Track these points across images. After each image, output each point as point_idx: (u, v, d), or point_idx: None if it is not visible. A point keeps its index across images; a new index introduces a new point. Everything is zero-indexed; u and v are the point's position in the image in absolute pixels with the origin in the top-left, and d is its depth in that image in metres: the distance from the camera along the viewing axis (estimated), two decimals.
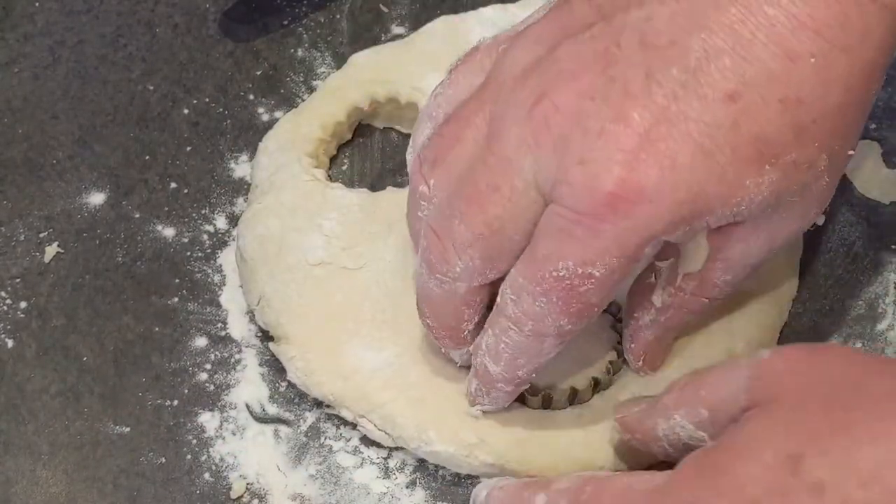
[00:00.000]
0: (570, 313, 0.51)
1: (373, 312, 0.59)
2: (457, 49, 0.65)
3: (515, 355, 0.53)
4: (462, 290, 0.53)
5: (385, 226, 0.61)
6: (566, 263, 0.49)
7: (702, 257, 0.53)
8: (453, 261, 0.52)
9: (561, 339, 0.52)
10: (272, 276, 0.60)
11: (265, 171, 0.64)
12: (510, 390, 0.55)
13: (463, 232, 0.52)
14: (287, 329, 0.60)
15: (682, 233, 0.50)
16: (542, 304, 0.51)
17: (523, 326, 0.52)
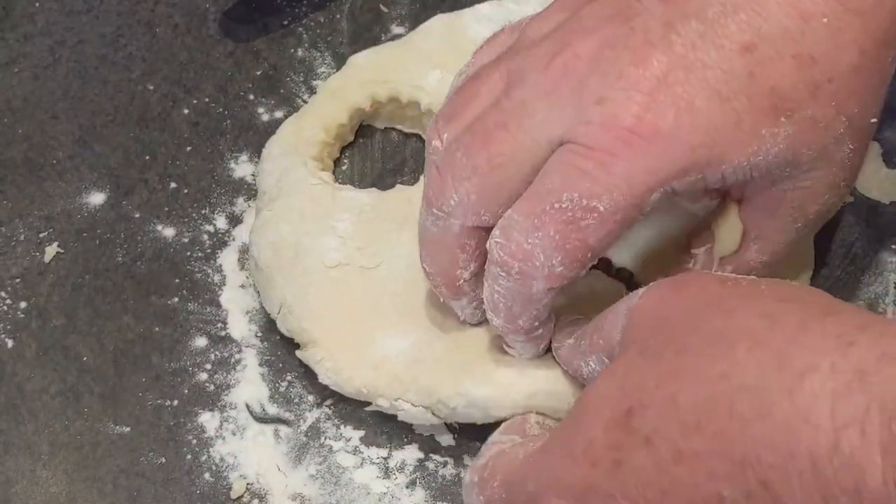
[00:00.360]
0: (566, 250, 0.50)
1: (393, 304, 0.59)
2: (455, 46, 0.66)
3: (509, 304, 0.53)
4: (456, 229, 0.53)
5: (397, 223, 0.61)
6: (571, 195, 0.49)
7: (736, 238, 0.53)
8: (449, 193, 0.52)
9: (550, 284, 0.51)
10: (290, 282, 0.60)
11: (271, 176, 0.64)
12: (523, 339, 0.55)
13: (463, 164, 0.52)
14: (312, 334, 0.60)
15: (694, 180, 0.50)
16: (535, 239, 0.50)
17: (510, 269, 0.51)
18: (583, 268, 0.51)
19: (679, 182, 0.49)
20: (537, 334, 0.55)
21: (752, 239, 0.54)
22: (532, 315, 0.53)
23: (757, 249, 0.54)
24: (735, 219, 0.53)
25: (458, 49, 0.65)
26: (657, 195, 0.50)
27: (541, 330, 0.55)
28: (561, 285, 0.51)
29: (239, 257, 0.65)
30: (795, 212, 0.53)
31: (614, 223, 0.50)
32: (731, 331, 0.44)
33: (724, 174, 0.50)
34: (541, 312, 0.53)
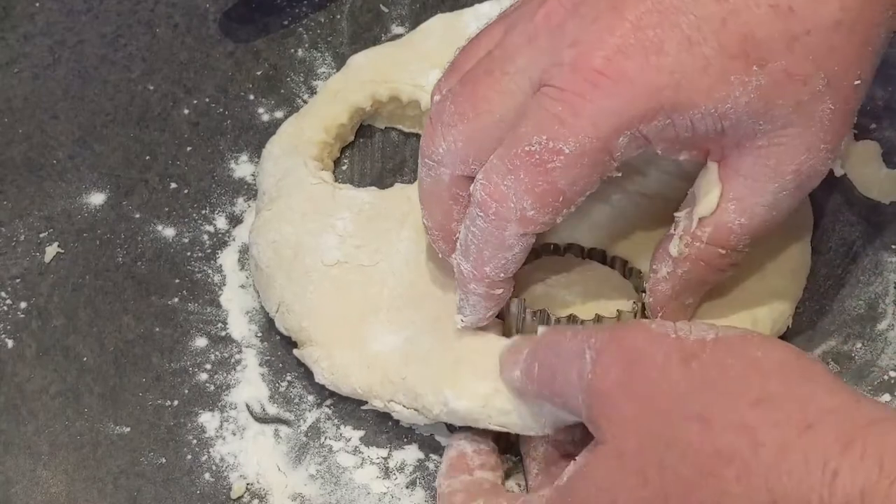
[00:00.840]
0: (535, 193, 0.51)
1: (390, 301, 0.60)
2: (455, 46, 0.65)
3: (481, 246, 0.53)
4: (446, 178, 0.54)
5: (397, 221, 0.61)
6: (539, 138, 0.50)
7: (714, 198, 0.53)
8: (438, 141, 0.54)
9: (523, 229, 0.52)
10: (290, 281, 0.60)
11: (271, 177, 0.64)
12: (482, 293, 0.55)
13: (451, 112, 0.53)
14: (310, 332, 0.60)
15: (662, 126, 0.50)
16: (509, 182, 0.51)
17: (488, 209, 0.52)
18: (556, 213, 0.52)
19: (646, 126, 0.50)
20: (496, 293, 0.55)
21: (730, 199, 0.53)
22: (500, 264, 0.54)
23: (734, 210, 0.53)
24: (714, 178, 0.53)
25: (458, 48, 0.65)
26: (625, 139, 0.50)
27: (500, 290, 0.55)
28: (533, 231, 0.52)
29: (239, 257, 0.65)
30: (771, 171, 0.52)
31: (581, 166, 0.50)
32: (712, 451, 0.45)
33: (693, 121, 0.50)
34: (509, 263, 0.54)
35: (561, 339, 0.52)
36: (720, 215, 0.54)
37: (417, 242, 0.60)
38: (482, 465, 0.57)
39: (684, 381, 0.47)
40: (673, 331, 0.49)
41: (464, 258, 0.55)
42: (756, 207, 0.53)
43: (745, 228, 0.54)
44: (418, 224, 0.60)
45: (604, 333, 0.50)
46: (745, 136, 0.51)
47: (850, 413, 0.44)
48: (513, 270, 0.54)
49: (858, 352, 0.61)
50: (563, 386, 0.51)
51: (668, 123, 0.50)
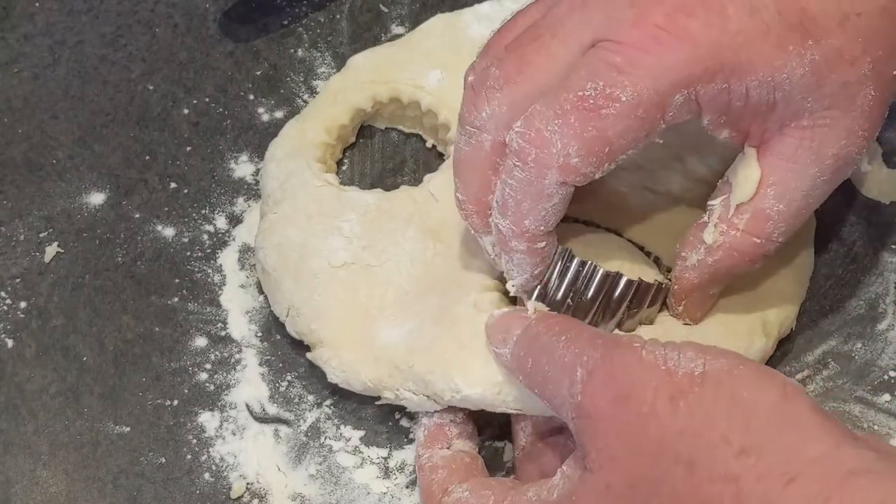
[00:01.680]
0: (584, 139, 0.50)
1: (396, 297, 0.60)
2: (455, 46, 0.66)
3: (519, 199, 0.52)
4: (487, 146, 0.53)
5: (403, 222, 0.61)
6: (595, 83, 0.49)
7: (753, 182, 0.53)
8: (481, 105, 0.53)
9: (564, 177, 0.51)
10: (297, 284, 0.60)
11: (275, 179, 0.64)
12: (524, 249, 0.54)
13: (496, 76, 0.52)
14: (320, 334, 0.60)
15: (718, 90, 0.50)
16: (554, 127, 0.50)
17: (527, 156, 0.51)
18: (598, 165, 0.51)
19: (703, 87, 0.50)
20: (538, 247, 0.54)
21: (769, 184, 0.53)
22: (540, 216, 0.53)
23: (773, 195, 0.53)
24: (753, 163, 0.53)
25: (458, 49, 0.66)
26: (680, 98, 0.50)
27: (543, 243, 0.54)
28: (574, 180, 0.51)
29: (239, 257, 0.65)
30: (813, 153, 0.52)
31: (635, 117, 0.50)
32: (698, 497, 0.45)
33: (749, 88, 0.50)
34: (549, 214, 0.53)
35: (554, 346, 0.51)
36: (758, 201, 0.53)
37: (423, 242, 0.60)
38: (459, 433, 0.57)
39: (672, 422, 0.46)
40: (663, 360, 0.48)
41: (501, 216, 0.53)
42: (795, 193, 0.53)
43: (782, 216, 0.53)
44: (424, 225, 0.60)
45: (596, 352, 0.49)
46: (792, 115, 0.51)
47: (832, 463, 0.44)
48: (553, 223, 0.53)
49: (858, 352, 0.61)
50: (553, 394, 0.51)
51: (724, 88, 0.50)
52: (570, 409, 0.49)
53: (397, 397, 0.58)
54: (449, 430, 0.57)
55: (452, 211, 0.61)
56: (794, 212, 0.53)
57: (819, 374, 0.60)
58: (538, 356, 0.52)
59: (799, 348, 0.61)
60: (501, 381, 0.56)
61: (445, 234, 0.61)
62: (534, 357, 0.52)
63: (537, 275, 0.55)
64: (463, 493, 0.54)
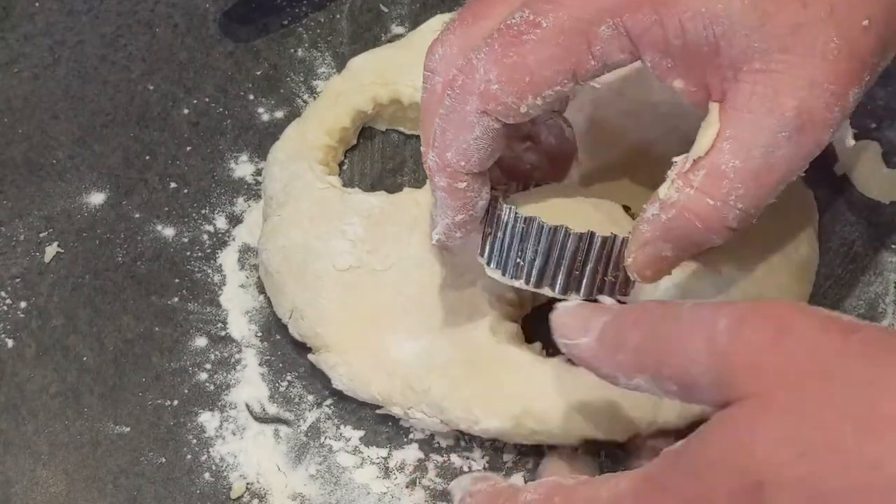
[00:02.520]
0: (503, 64, 0.49)
1: (405, 306, 0.60)
2: None
3: (444, 128, 0.52)
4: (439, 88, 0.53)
5: (407, 225, 0.61)
6: (522, 12, 0.50)
7: (710, 136, 0.50)
8: (435, 48, 0.53)
9: (484, 104, 0.50)
10: (301, 286, 0.60)
11: (278, 182, 0.64)
12: (444, 186, 0.53)
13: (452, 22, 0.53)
14: (325, 338, 0.60)
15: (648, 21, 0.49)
16: (481, 55, 0.50)
17: (455, 83, 0.51)
18: (521, 95, 0.50)
19: (631, 17, 0.49)
20: (459, 186, 0.53)
21: (725, 138, 0.50)
22: (461, 148, 0.51)
23: (729, 149, 0.49)
24: (713, 118, 0.50)
25: None
26: (607, 29, 0.49)
27: (464, 184, 0.52)
28: (494, 110, 0.50)
29: (239, 257, 0.65)
30: (768, 101, 0.49)
31: (557, 45, 0.49)
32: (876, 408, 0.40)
33: (682, 21, 0.49)
34: (470, 149, 0.51)
35: (678, 313, 0.46)
36: (714, 155, 0.50)
37: (428, 246, 0.60)
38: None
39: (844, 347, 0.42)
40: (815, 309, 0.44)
41: (430, 148, 0.53)
42: (753, 149, 0.49)
43: (738, 174, 0.50)
44: (428, 228, 0.60)
45: (741, 304, 0.45)
46: (741, 57, 0.49)
47: None
48: (476, 162, 0.52)
49: None
50: (678, 354, 0.45)
51: (656, 20, 0.49)
52: (713, 358, 0.44)
53: (406, 415, 0.58)
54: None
55: None
56: (753, 170, 0.50)
57: None
58: (652, 327, 0.47)
59: None
60: (519, 414, 0.56)
61: None
62: (644, 329, 0.47)
63: (458, 223, 0.54)
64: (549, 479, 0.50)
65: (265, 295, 0.63)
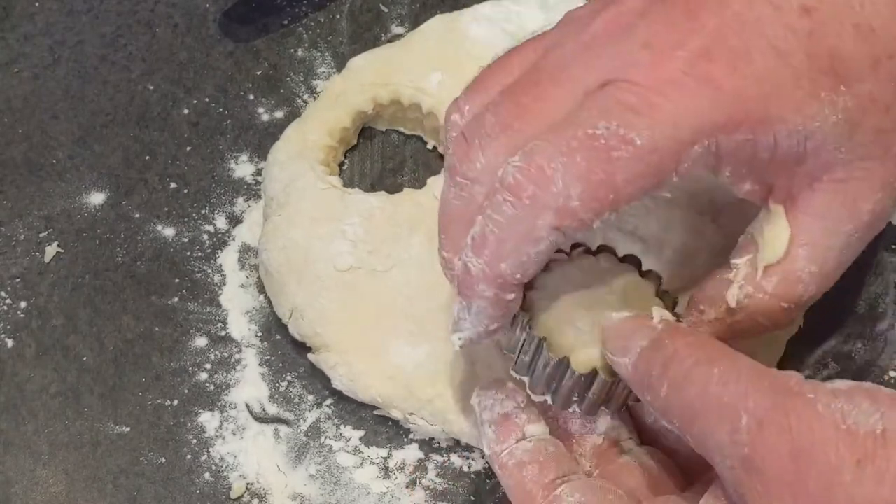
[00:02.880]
0: (589, 181, 0.45)
1: (406, 308, 0.60)
2: (455, 47, 0.66)
3: (502, 237, 0.47)
4: (480, 198, 0.48)
5: (407, 226, 0.61)
6: (609, 123, 0.45)
7: (782, 244, 0.49)
8: (475, 156, 0.48)
9: (560, 221, 0.46)
10: (302, 286, 0.60)
11: (279, 182, 0.64)
12: (490, 297, 0.49)
13: (492, 124, 0.48)
14: (325, 338, 0.60)
15: (743, 141, 0.46)
16: (558, 165, 0.45)
17: (522, 192, 0.46)
18: (599, 212, 0.46)
19: (727, 138, 0.46)
20: (507, 298, 0.49)
21: (800, 244, 0.49)
22: (520, 261, 0.47)
23: (805, 256, 0.49)
24: (782, 222, 0.49)
25: (458, 50, 0.66)
26: (699, 149, 0.46)
27: (512, 295, 0.49)
28: (569, 226, 0.46)
29: (239, 257, 0.65)
30: (847, 209, 0.48)
31: (648, 164, 0.45)
32: None
33: (777, 138, 0.46)
34: (530, 262, 0.47)
35: (706, 379, 0.45)
36: (789, 263, 0.49)
37: (429, 249, 0.60)
38: (528, 419, 0.52)
39: (859, 490, 0.42)
40: (841, 417, 0.43)
41: (475, 255, 0.48)
42: (828, 253, 0.49)
43: (814, 278, 0.49)
44: (429, 230, 0.60)
45: (765, 399, 0.44)
46: (824, 168, 0.48)
47: None
48: (531, 273, 0.48)
49: (858, 352, 0.61)
50: (705, 435, 0.45)
51: (749, 140, 0.46)
52: (733, 459, 0.44)
53: (406, 420, 0.59)
54: (518, 418, 0.52)
55: None
56: (827, 273, 0.49)
57: (819, 374, 0.60)
58: (681, 384, 0.46)
59: (799, 348, 0.61)
60: None
61: None
62: (673, 384, 0.46)
63: (490, 332, 0.50)
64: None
65: (265, 295, 0.63)
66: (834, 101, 0.46)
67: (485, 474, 0.59)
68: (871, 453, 0.42)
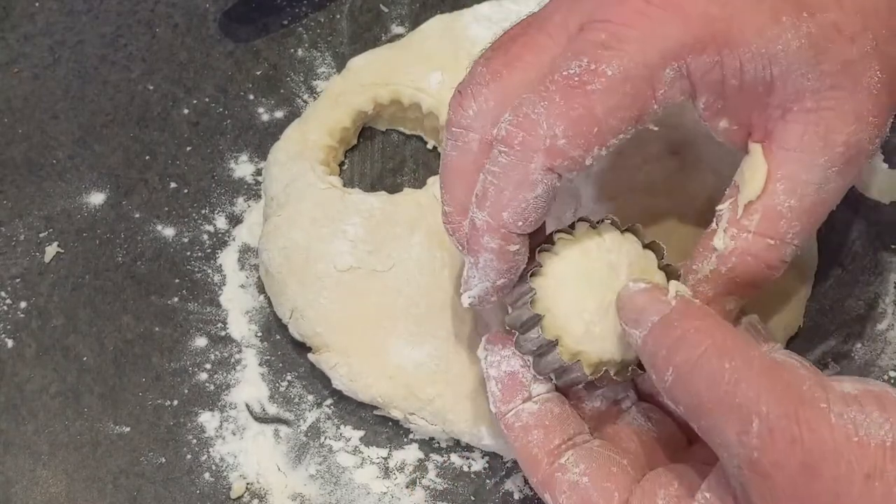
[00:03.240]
0: (569, 118, 0.47)
1: (406, 308, 0.60)
2: (455, 47, 0.66)
3: (501, 186, 0.49)
4: (475, 146, 0.51)
5: (407, 226, 0.61)
6: (580, 61, 0.47)
7: (761, 178, 0.50)
8: (467, 104, 0.51)
9: (551, 161, 0.48)
10: (302, 286, 0.61)
11: (279, 182, 0.64)
12: (495, 248, 0.50)
13: (482, 73, 0.51)
14: (325, 338, 0.60)
15: (710, 63, 0.48)
16: (540, 109, 0.48)
17: (513, 140, 0.48)
18: (586, 148, 0.48)
19: (695, 59, 0.48)
20: (511, 248, 0.50)
21: (777, 178, 0.50)
22: (520, 208, 0.49)
23: (783, 190, 0.50)
24: (759, 158, 0.50)
25: (458, 50, 0.66)
26: (671, 72, 0.48)
27: (516, 246, 0.50)
28: (560, 165, 0.48)
29: (239, 257, 0.65)
30: (820, 139, 0.49)
31: (623, 93, 0.47)
32: None
33: (742, 61, 0.48)
34: (529, 207, 0.49)
35: (717, 374, 0.45)
36: (768, 198, 0.50)
37: (429, 249, 0.60)
38: (534, 378, 0.52)
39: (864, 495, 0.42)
40: (854, 429, 0.43)
41: (478, 208, 0.49)
42: (806, 186, 0.50)
43: (794, 212, 0.50)
44: (429, 229, 0.61)
45: (777, 406, 0.44)
46: (793, 96, 0.49)
47: None
48: (532, 221, 0.49)
49: (858, 352, 0.61)
50: (714, 430, 0.45)
51: (717, 62, 0.48)
52: (741, 460, 0.44)
53: (407, 419, 0.59)
54: (524, 377, 0.52)
55: None
56: (808, 208, 0.50)
57: None
58: (688, 374, 0.46)
59: (799, 348, 0.61)
60: None
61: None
62: (679, 371, 0.46)
63: (499, 287, 0.51)
64: (581, 479, 0.50)
65: (265, 295, 0.63)
66: (797, 26, 0.48)
67: (485, 474, 0.59)
68: (880, 467, 0.43)
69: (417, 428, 0.59)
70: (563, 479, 0.50)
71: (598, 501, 0.49)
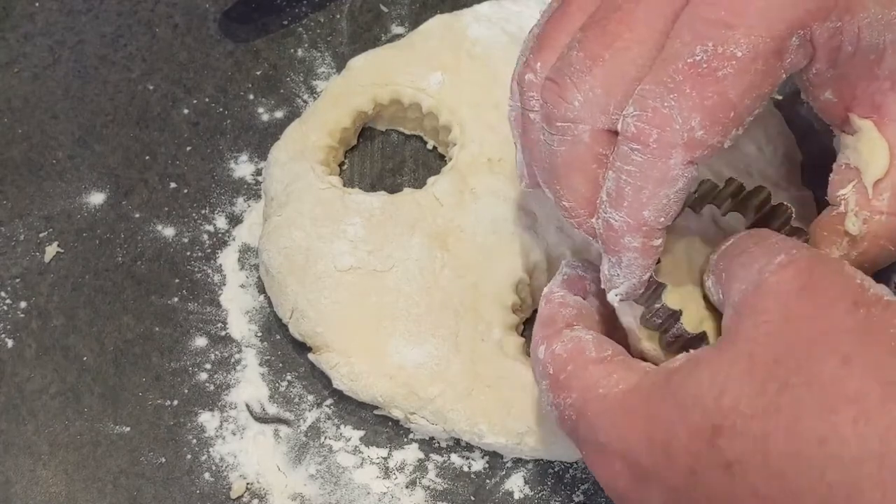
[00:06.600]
0: (705, 108, 0.45)
1: (407, 308, 0.60)
2: (455, 47, 0.66)
3: (639, 186, 0.47)
4: (586, 137, 0.48)
5: (408, 226, 0.61)
6: (704, 46, 0.45)
7: (884, 155, 0.49)
8: (571, 95, 0.48)
9: (691, 154, 0.46)
10: (303, 287, 0.61)
11: (279, 182, 0.64)
12: (638, 246, 0.48)
13: (581, 59, 0.48)
14: (326, 338, 0.60)
15: (832, 30, 0.46)
16: (671, 102, 0.46)
17: (647, 138, 0.46)
18: (725, 133, 0.46)
19: (819, 25, 0.46)
20: (654, 244, 0.49)
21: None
22: (661, 204, 0.47)
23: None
24: (875, 136, 0.49)
25: (457, 50, 0.66)
26: (797, 41, 0.46)
27: (659, 240, 0.49)
28: (701, 155, 0.47)
29: (239, 257, 0.65)
30: None
31: (756, 71, 0.46)
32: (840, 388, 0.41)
33: (860, 27, 0.47)
34: (670, 203, 0.47)
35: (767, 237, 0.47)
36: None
37: (429, 249, 0.61)
38: (595, 292, 0.52)
39: (844, 321, 0.43)
40: (861, 278, 0.44)
41: (614, 209, 0.48)
42: None
43: None
44: (429, 230, 0.61)
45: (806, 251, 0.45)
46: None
47: None
48: (672, 215, 0.48)
49: None
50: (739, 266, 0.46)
51: (838, 28, 0.46)
52: (750, 284, 0.45)
53: (407, 419, 0.59)
54: (588, 285, 0.52)
55: (457, 217, 0.61)
56: None
57: None
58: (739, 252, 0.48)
59: None
60: (524, 433, 0.57)
61: (452, 243, 0.61)
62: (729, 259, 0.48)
63: (644, 283, 0.50)
64: (587, 335, 0.50)
65: (265, 295, 0.63)
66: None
67: (485, 474, 0.60)
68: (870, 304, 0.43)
69: (418, 427, 0.59)
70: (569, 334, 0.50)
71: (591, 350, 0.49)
